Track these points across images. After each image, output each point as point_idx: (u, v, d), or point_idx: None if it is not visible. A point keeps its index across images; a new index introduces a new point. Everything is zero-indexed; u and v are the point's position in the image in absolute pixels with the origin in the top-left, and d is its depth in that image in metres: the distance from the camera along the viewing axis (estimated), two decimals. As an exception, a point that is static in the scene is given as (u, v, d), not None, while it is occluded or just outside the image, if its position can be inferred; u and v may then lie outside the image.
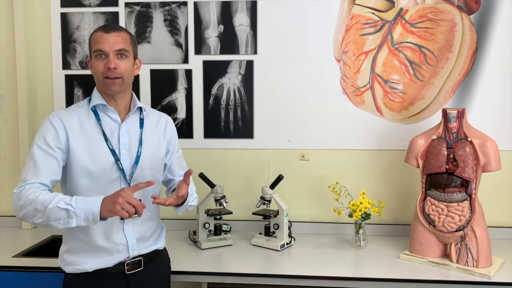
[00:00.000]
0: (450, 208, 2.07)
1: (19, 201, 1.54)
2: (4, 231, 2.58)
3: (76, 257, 1.67)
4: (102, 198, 1.51)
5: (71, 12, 2.58)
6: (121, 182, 1.69)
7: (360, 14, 2.45)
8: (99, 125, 1.68)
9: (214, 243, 2.33)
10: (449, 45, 2.40)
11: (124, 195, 1.48)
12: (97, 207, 1.49)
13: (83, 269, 1.67)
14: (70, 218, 1.50)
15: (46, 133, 1.62)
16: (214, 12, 2.52)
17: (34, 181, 1.57)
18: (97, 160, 1.65)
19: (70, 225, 1.50)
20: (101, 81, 1.67)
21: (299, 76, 2.51)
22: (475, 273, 1.98)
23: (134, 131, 1.75)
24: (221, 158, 2.58)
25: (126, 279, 1.70)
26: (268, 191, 2.33)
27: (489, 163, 2.04)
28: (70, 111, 1.72)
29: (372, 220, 2.37)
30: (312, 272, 2.01)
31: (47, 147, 1.61)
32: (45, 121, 1.66)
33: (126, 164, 1.69)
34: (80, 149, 1.63)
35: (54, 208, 1.49)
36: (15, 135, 2.64)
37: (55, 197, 1.52)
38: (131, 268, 1.71)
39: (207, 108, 2.57)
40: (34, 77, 2.63)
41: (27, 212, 1.53)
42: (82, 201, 1.51)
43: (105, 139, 1.67)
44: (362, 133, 2.52)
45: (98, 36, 1.66)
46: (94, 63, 1.67)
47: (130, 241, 1.72)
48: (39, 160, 1.59)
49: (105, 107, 1.71)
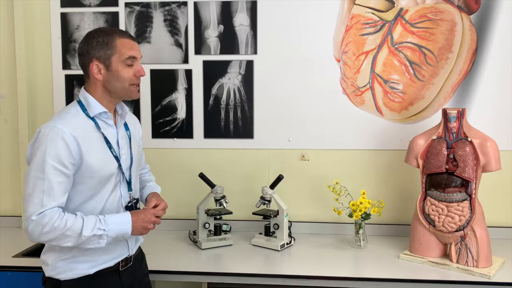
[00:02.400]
0: (450, 208, 2.07)
1: (42, 228, 1.51)
2: (4, 231, 2.57)
3: (76, 264, 1.65)
4: (130, 217, 1.62)
5: (71, 12, 2.58)
6: (120, 185, 1.71)
7: (360, 14, 2.45)
8: (101, 133, 1.66)
9: (214, 243, 2.33)
10: (449, 45, 2.40)
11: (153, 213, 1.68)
12: (129, 228, 1.61)
13: (84, 274, 1.65)
14: (101, 240, 1.57)
15: (60, 151, 1.53)
16: (214, 12, 2.52)
17: (53, 205, 1.53)
18: (106, 168, 1.64)
19: (101, 245, 1.57)
20: (127, 87, 1.65)
21: (299, 76, 2.51)
22: (475, 273, 1.98)
23: (124, 134, 1.77)
24: (221, 158, 2.58)
25: (119, 275, 1.72)
26: (268, 191, 2.33)
27: (489, 163, 2.04)
28: (72, 120, 1.61)
29: (372, 220, 2.37)
30: (312, 272, 2.01)
31: (62, 166, 1.54)
32: (53, 135, 1.54)
33: (124, 167, 1.72)
34: (92, 159, 1.60)
35: (89, 236, 1.54)
36: (15, 135, 2.64)
37: (84, 222, 1.54)
38: (124, 264, 1.74)
39: (207, 108, 2.57)
40: (34, 77, 2.63)
41: (54, 238, 1.53)
42: (112, 223, 1.58)
43: (109, 146, 1.67)
44: (362, 133, 2.52)
45: (129, 44, 1.64)
46: (123, 69, 1.63)
47: (131, 243, 1.76)
48: (54, 181, 1.53)
49: (104, 114, 1.67)
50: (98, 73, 1.63)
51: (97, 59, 1.62)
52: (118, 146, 1.70)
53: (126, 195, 1.73)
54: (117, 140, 1.71)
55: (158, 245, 2.32)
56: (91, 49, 1.63)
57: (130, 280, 1.77)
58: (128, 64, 1.64)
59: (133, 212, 1.66)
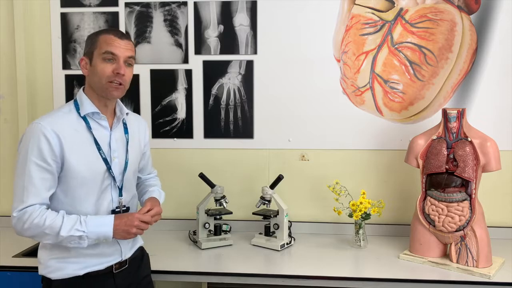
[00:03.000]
0: (450, 208, 2.07)
1: (22, 224, 1.54)
2: (4, 231, 2.57)
3: (65, 263, 1.64)
4: (113, 220, 1.59)
5: (71, 12, 2.58)
6: (111, 189, 1.68)
7: (360, 14, 2.45)
8: (90, 133, 1.64)
9: (214, 243, 2.33)
10: (449, 45, 2.40)
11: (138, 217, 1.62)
12: (110, 231, 1.58)
13: (73, 274, 1.64)
14: (82, 241, 1.56)
15: (40, 146, 1.53)
16: (214, 12, 2.52)
17: (33, 202, 1.54)
18: (90, 169, 1.62)
19: (82, 246, 1.57)
20: (103, 84, 1.62)
21: (299, 76, 2.51)
22: (475, 273, 1.98)
23: (121, 138, 1.74)
24: (221, 158, 2.58)
25: (113, 278, 1.71)
26: (268, 191, 2.33)
27: (489, 163, 2.04)
28: (59, 118, 1.61)
29: (372, 220, 2.37)
30: (312, 272, 2.01)
31: (43, 162, 1.54)
32: (35, 132, 1.55)
33: (116, 172, 1.69)
34: (74, 158, 1.58)
35: (67, 236, 1.53)
36: (15, 135, 2.64)
37: (64, 221, 1.54)
38: (118, 267, 1.72)
39: (207, 108, 2.57)
40: (34, 77, 2.63)
41: (35, 235, 1.56)
42: (93, 225, 1.56)
43: (98, 147, 1.64)
44: (362, 133, 2.52)
45: (111, 39, 1.62)
46: (100, 65, 1.61)
47: (124, 247, 1.74)
48: (36, 178, 1.53)
49: (96, 115, 1.66)
50: (84, 68, 1.67)
51: (85, 54, 1.67)
52: (110, 148, 1.67)
53: (117, 201, 1.70)
54: (109, 142, 1.68)
55: (158, 245, 2.32)
56: (84, 47, 1.69)
57: (126, 282, 1.75)
58: (106, 59, 1.61)
59: (118, 215, 1.63)
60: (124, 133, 1.75)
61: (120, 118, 1.73)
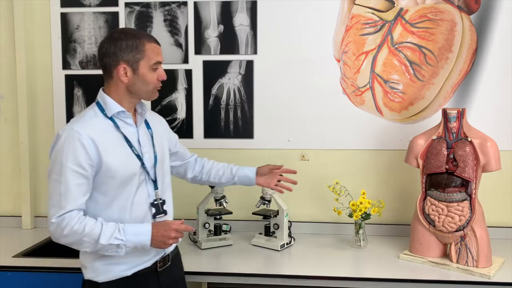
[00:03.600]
0: (450, 208, 2.07)
1: (62, 230, 1.53)
2: (4, 231, 2.58)
3: (112, 265, 1.64)
4: (150, 229, 1.59)
5: (71, 12, 2.58)
6: (146, 183, 1.70)
7: (360, 14, 2.45)
8: (120, 132, 1.66)
9: (214, 243, 2.33)
10: (449, 45, 2.40)
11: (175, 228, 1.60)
12: (148, 240, 1.58)
13: (122, 275, 1.65)
14: (120, 249, 1.56)
15: (77, 153, 1.54)
16: (214, 12, 2.52)
17: (71, 208, 1.54)
18: (127, 166, 1.64)
19: (119, 254, 1.58)
20: (151, 90, 1.69)
21: (299, 76, 2.51)
22: (475, 273, 1.98)
23: (146, 133, 1.77)
24: (221, 158, 2.57)
25: (157, 275, 1.72)
26: (268, 191, 2.33)
27: (489, 163, 2.04)
28: (89, 122, 1.63)
29: (372, 220, 2.37)
30: (312, 272, 2.01)
31: (80, 168, 1.55)
32: (70, 139, 1.56)
33: (149, 166, 1.71)
34: (111, 159, 1.60)
35: (106, 245, 1.54)
36: (15, 135, 2.64)
37: (103, 229, 1.54)
38: (162, 264, 1.74)
39: (207, 108, 2.57)
40: (34, 77, 2.63)
41: (73, 242, 1.56)
42: (131, 234, 1.57)
43: (129, 145, 1.67)
44: (362, 133, 2.52)
45: (157, 49, 1.67)
46: (149, 74, 1.65)
47: None
48: (72, 184, 1.54)
49: (122, 113, 1.67)
50: (124, 75, 1.64)
51: (125, 62, 1.62)
52: (139, 144, 1.70)
53: (153, 194, 1.72)
54: (138, 138, 1.71)
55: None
56: (119, 51, 1.62)
57: (168, 281, 1.77)
58: (154, 68, 1.66)
59: (155, 224, 1.63)
60: (147, 129, 1.78)
61: (143, 115, 1.76)
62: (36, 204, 2.68)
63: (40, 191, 2.67)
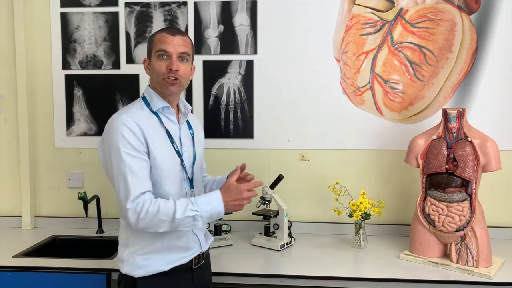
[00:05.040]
0: (450, 208, 2.07)
1: (138, 214, 1.53)
2: (4, 231, 2.58)
3: (150, 260, 1.65)
4: (220, 195, 1.60)
5: (71, 12, 2.58)
6: (184, 182, 1.72)
7: (360, 14, 2.45)
8: (163, 127, 1.68)
9: (214, 243, 2.32)
10: (449, 45, 2.40)
11: (245, 188, 1.62)
12: (221, 206, 1.59)
13: (159, 270, 1.65)
14: (196, 221, 1.57)
15: (129, 139, 1.56)
16: (214, 12, 2.52)
17: (143, 190, 1.55)
18: (170, 161, 1.66)
19: (197, 226, 1.59)
20: (160, 81, 1.66)
21: (299, 76, 2.51)
22: (475, 273, 1.98)
23: (187, 132, 1.79)
24: (221, 158, 2.58)
25: (192, 273, 1.73)
26: (268, 191, 2.33)
27: (489, 163, 2.04)
28: (136, 112, 1.65)
29: (372, 220, 2.37)
30: (312, 272, 2.01)
31: (136, 152, 1.57)
32: (119, 126, 1.58)
33: (187, 164, 1.73)
34: (157, 150, 1.62)
35: (183, 218, 1.54)
36: (15, 135, 2.64)
37: (177, 205, 1.55)
38: (197, 262, 1.75)
39: (207, 108, 2.57)
40: (34, 77, 2.63)
41: (150, 224, 1.55)
42: (203, 203, 1.58)
43: (171, 141, 1.69)
44: (362, 133, 2.52)
45: (164, 37, 1.66)
46: (156, 63, 1.66)
47: (200, 237, 1.76)
48: (135, 168, 1.55)
49: (166, 109, 1.70)
50: (147, 68, 1.73)
51: (147, 55, 1.73)
52: (180, 142, 1.72)
53: (190, 192, 1.74)
54: (180, 136, 1.73)
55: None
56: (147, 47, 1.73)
57: (201, 280, 1.78)
58: (159, 56, 1.65)
59: (224, 190, 1.62)
60: (189, 128, 1.81)
61: (186, 114, 1.78)
62: (36, 204, 2.68)
63: (40, 191, 2.67)
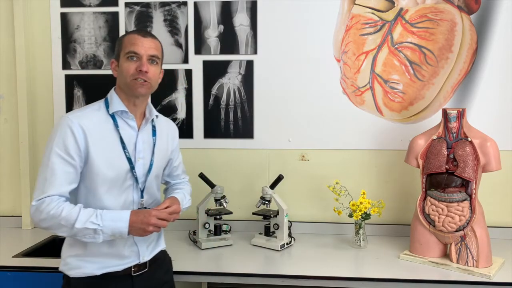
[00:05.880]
0: (450, 208, 2.07)
1: (39, 214, 1.53)
2: (4, 231, 2.58)
3: (83, 262, 1.64)
4: (129, 216, 1.57)
5: (71, 12, 2.58)
6: (133, 190, 1.69)
7: (360, 14, 2.45)
8: (117, 131, 1.65)
9: (214, 243, 2.33)
10: (449, 45, 2.40)
11: (155, 215, 1.58)
12: (125, 227, 1.56)
13: (91, 273, 1.64)
14: (97, 235, 1.54)
15: (66, 140, 1.56)
16: (214, 12, 2.52)
17: (53, 193, 1.53)
18: (114, 167, 1.63)
19: (97, 240, 1.55)
20: (128, 82, 1.64)
21: (299, 76, 2.51)
22: (475, 273, 1.98)
23: (148, 139, 1.74)
24: (221, 158, 2.58)
25: (132, 280, 1.70)
26: (268, 191, 2.33)
27: (489, 163, 2.04)
28: (88, 114, 1.64)
29: (372, 220, 2.37)
30: (312, 272, 2.01)
31: (66, 155, 1.55)
32: (62, 125, 1.58)
33: (139, 172, 1.69)
34: (98, 156, 1.59)
35: (82, 228, 1.52)
36: (15, 135, 2.64)
37: (80, 214, 1.52)
38: (137, 270, 1.72)
39: (207, 108, 2.57)
40: (34, 77, 2.63)
41: (51, 226, 1.54)
42: (108, 219, 1.55)
43: (123, 146, 1.65)
44: (362, 133, 2.52)
45: (134, 39, 1.65)
46: (124, 64, 1.64)
47: (141, 248, 1.72)
48: (57, 169, 1.54)
49: (125, 114, 1.68)
50: (114, 70, 1.71)
51: (114, 57, 1.71)
52: (135, 149, 1.68)
53: (138, 202, 1.70)
54: (135, 142, 1.69)
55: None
56: (115, 49, 1.72)
57: (145, 286, 1.74)
58: (129, 58, 1.64)
59: (134, 211, 1.60)
60: (152, 135, 1.76)
61: (149, 120, 1.75)
62: (36, 204, 2.68)
63: (40, 191, 2.68)
